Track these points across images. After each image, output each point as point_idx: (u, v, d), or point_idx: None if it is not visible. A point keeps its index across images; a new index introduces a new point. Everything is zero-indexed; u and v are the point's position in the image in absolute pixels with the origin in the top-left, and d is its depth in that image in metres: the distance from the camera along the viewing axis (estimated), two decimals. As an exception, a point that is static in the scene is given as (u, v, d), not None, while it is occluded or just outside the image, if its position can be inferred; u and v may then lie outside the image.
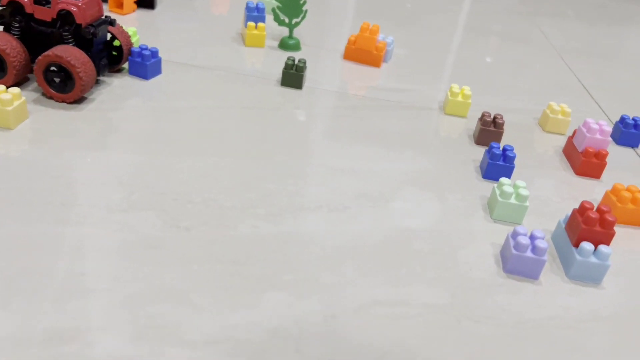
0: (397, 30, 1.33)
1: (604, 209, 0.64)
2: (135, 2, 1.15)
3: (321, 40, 1.19)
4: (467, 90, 0.96)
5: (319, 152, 0.80)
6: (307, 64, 1.04)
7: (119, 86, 0.86)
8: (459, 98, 0.95)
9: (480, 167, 0.82)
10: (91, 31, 0.78)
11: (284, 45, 1.11)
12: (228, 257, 0.58)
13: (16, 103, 0.71)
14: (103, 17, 0.82)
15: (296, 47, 1.11)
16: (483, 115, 0.88)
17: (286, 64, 0.95)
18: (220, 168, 0.72)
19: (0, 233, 0.56)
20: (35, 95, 0.80)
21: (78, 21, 0.77)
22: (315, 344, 0.50)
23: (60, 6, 0.77)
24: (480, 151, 0.87)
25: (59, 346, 0.46)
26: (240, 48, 1.09)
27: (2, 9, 0.79)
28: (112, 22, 0.83)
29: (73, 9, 0.77)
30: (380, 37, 1.12)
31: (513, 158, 0.78)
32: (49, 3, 0.79)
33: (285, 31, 1.15)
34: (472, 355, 0.52)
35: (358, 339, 0.51)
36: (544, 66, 1.30)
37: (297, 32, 1.16)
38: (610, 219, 0.63)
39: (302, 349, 0.49)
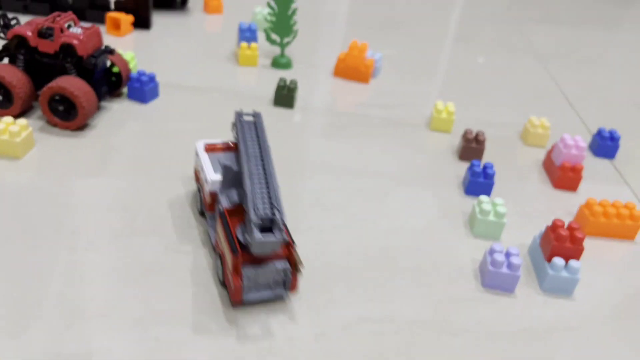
0: (384, 39, 1.37)
1: (574, 226, 0.69)
2: (131, 24, 1.19)
3: (312, 57, 1.23)
4: (451, 107, 1.00)
5: (310, 174, 0.84)
6: (299, 81, 1.09)
7: (118, 111, 0.91)
8: (444, 115, 1.00)
9: (463, 183, 0.87)
10: (92, 62, 0.82)
11: (276, 63, 1.15)
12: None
13: (24, 134, 0.76)
14: (103, 47, 0.87)
15: (288, 65, 1.16)
16: (465, 132, 0.93)
17: (278, 85, 1.00)
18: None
19: (15, 261, 0.61)
20: (41, 123, 0.84)
21: (80, 53, 0.82)
22: (306, 360, 0.55)
23: (63, 40, 0.81)
24: (463, 167, 0.92)
25: (73, 368, 0.51)
26: (235, 67, 1.13)
27: (7, 43, 0.83)
28: (111, 52, 0.88)
29: (75, 42, 0.81)
30: (369, 53, 1.17)
31: (492, 175, 0.83)
32: (52, 36, 0.83)
33: (278, 49, 1.20)
34: (450, 367, 0.57)
35: (347, 356, 0.56)
36: (527, 75, 1.34)
37: (288, 50, 1.21)
38: (579, 235, 0.68)
39: (294, 365, 0.54)
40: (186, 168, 0.80)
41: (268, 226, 0.55)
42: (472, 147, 0.92)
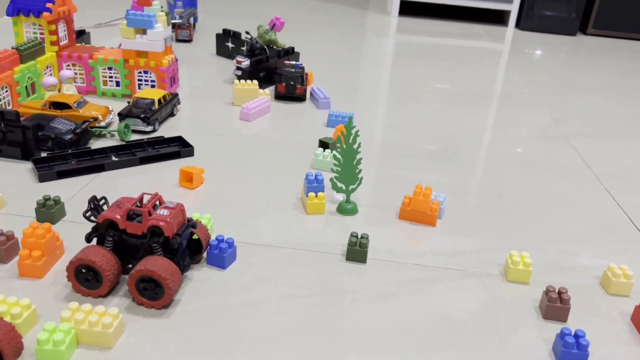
0: (441, 169, 1.39)
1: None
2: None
3: (375, 199, 1.25)
4: (527, 257, 0.99)
5: (391, 347, 0.83)
6: (365, 225, 1.11)
7: (199, 280, 0.92)
8: (520, 266, 0.98)
9: (554, 350, 0.84)
10: (178, 241, 0.85)
11: (342, 209, 1.17)
12: None
13: (115, 323, 0.77)
14: (186, 222, 0.90)
15: (353, 210, 1.17)
16: (548, 290, 0.91)
17: (350, 240, 1.01)
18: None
19: None
20: (127, 302, 0.86)
21: (166, 234, 0.84)
22: None
23: (151, 222, 0.84)
24: (549, 327, 0.89)
25: None
26: (302, 216, 1.15)
27: (98, 224, 0.87)
28: (194, 225, 0.91)
29: (162, 224, 0.84)
30: (432, 195, 1.18)
31: (586, 346, 0.80)
32: (139, 216, 0.86)
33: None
34: None
35: None
36: (590, 201, 1.33)
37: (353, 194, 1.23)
38: None
39: None
40: (265, 351, 0.79)
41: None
42: (556, 306, 0.90)
